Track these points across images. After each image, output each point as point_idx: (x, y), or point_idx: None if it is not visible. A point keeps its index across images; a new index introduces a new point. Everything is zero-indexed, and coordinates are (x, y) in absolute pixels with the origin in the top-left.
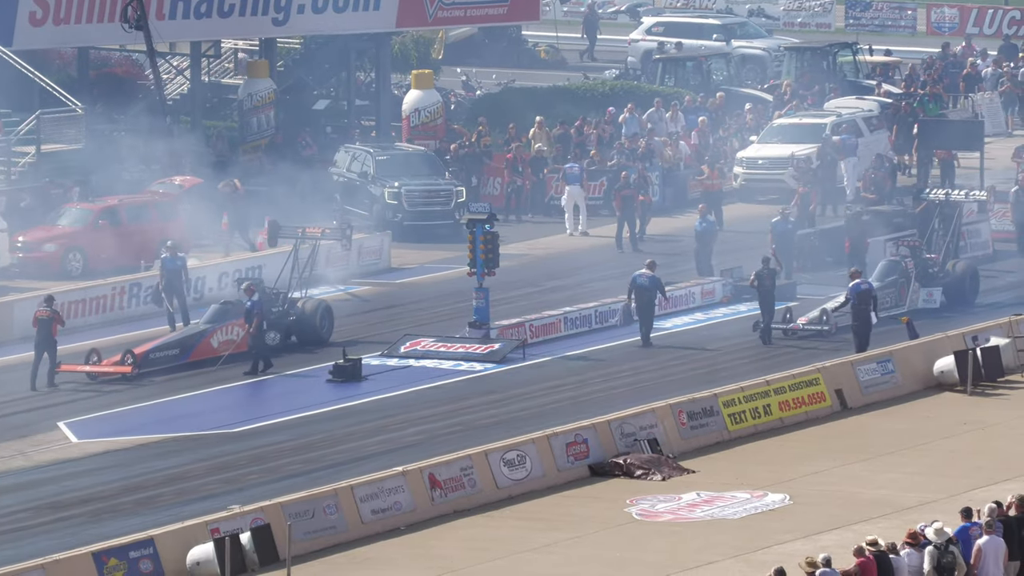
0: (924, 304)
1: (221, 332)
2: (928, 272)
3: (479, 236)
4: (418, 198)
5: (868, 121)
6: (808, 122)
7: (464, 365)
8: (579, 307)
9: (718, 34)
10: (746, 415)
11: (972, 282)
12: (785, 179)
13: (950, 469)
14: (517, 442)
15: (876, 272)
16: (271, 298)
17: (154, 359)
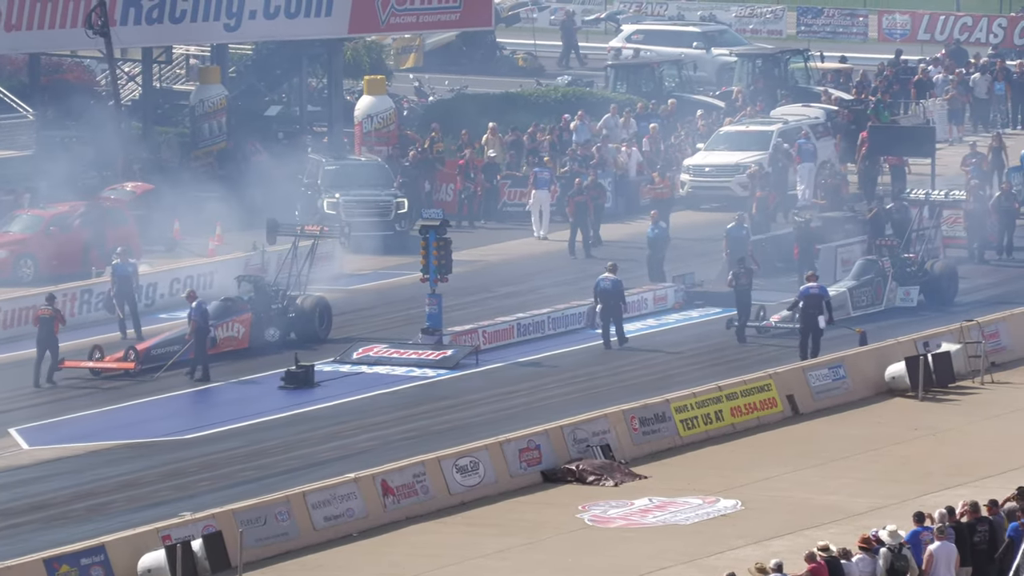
0: (902, 303)
1: (222, 328)
2: (906, 271)
3: (432, 242)
4: (355, 208)
5: (814, 128)
6: (755, 129)
7: (417, 371)
8: (532, 313)
9: (698, 42)
10: (698, 421)
11: (950, 281)
12: (732, 186)
13: (901, 475)
14: (470, 448)
15: (853, 271)
16: (270, 296)
17: (156, 355)
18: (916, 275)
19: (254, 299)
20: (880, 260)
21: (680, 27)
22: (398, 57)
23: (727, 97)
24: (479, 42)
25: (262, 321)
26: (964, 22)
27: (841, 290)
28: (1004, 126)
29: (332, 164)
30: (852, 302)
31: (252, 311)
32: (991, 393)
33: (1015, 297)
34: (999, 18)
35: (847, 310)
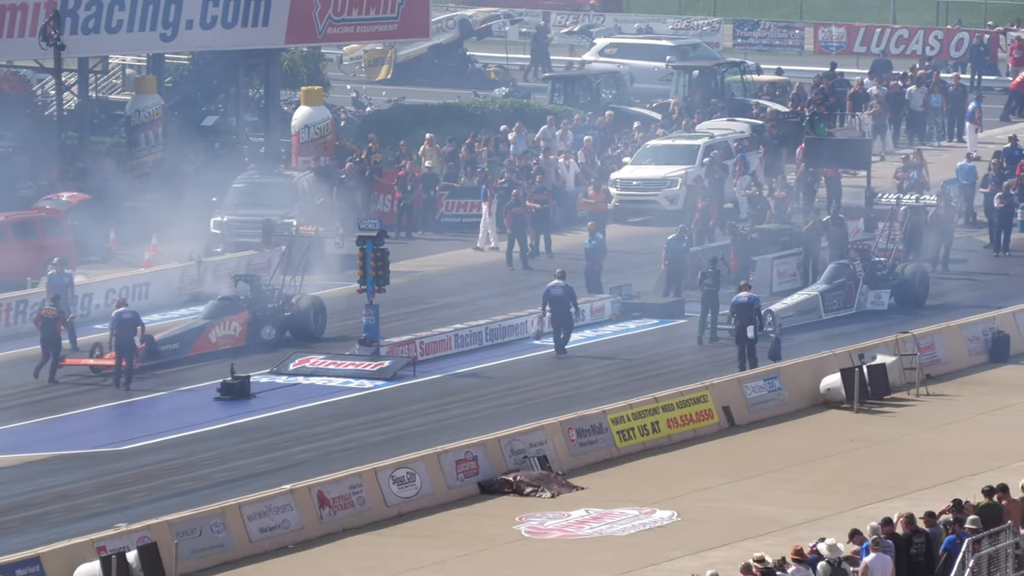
0: (872, 306)
1: (219, 327)
2: (877, 274)
3: (369, 253)
4: (240, 229)
5: (740, 142)
6: (681, 143)
7: (354, 382)
8: (469, 324)
9: (671, 56)
10: (635, 432)
11: (921, 284)
12: (659, 200)
13: (837, 486)
14: (407, 460)
15: (825, 274)
16: (266, 295)
17: (155, 352)
18: (887, 279)
19: (250, 298)
20: (852, 263)
21: (653, 41)
22: (369, 69)
23: (663, 109)
24: (450, 55)
25: (258, 320)
26: (900, 35)
27: (813, 293)
28: (940, 138)
29: (239, 182)
30: (824, 305)
31: (249, 310)
32: (926, 405)
33: (989, 301)
34: (935, 30)
35: (819, 313)
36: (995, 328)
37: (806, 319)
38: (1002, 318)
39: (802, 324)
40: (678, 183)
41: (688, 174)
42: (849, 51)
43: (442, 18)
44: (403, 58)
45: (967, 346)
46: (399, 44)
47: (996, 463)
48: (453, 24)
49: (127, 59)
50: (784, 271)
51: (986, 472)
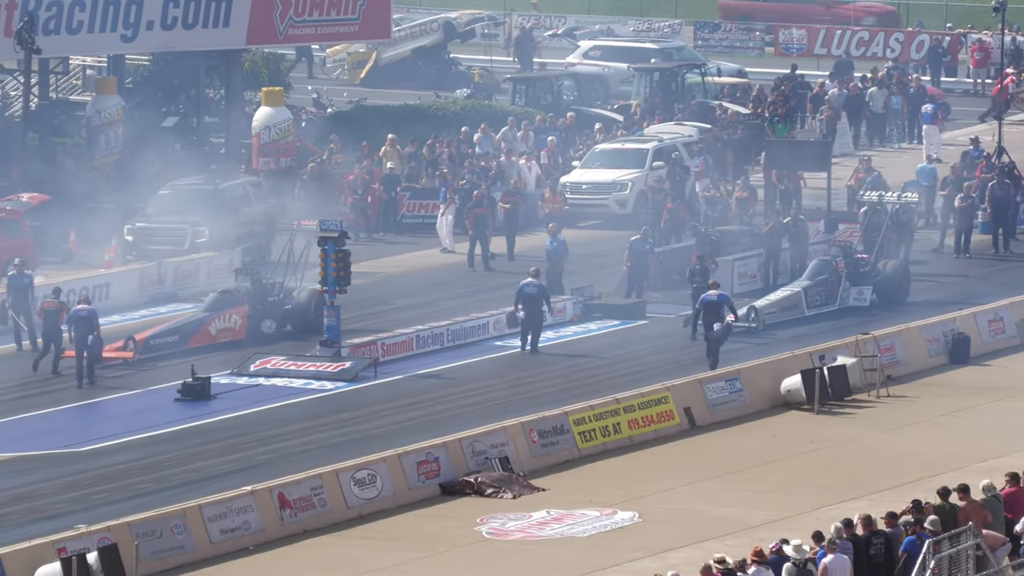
0: (855, 302)
1: (219, 320)
2: (859, 271)
3: (330, 254)
4: (149, 237)
5: (688, 147)
6: (630, 147)
7: (315, 384)
8: (431, 325)
9: (656, 58)
10: (596, 433)
11: (903, 281)
12: (609, 204)
13: (798, 487)
14: (368, 461)
15: (807, 271)
16: (266, 288)
17: (154, 345)
18: (869, 275)
19: (251, 291)
20: (834, 260)
21: (638, 44)
22: (352, 71)
23: (625, 111)
24: (434, 57)
25: (259, 313)
26: (861, 36)
27: (796, 290)
28: (900, 140)
29: (165, 189)
30: (807, 301)
31: (249, 303)
32: (886, 407)
33: (967, 299)
34: (896, 32)
35: (802, 309)
36: (955, 330)
37: (789, 315)
38: (962, 319)
39: (785, 320)
40: (628, 187)
41: (639, 178)
42: (809, 53)
43: (426, 20)
44: (386, 60)
45: (927, 347)
46: (383, 46)
47: (956, 464)
48: (437, 26)
49: (87, 60)
50: (745, 272)
51: (946, 473)
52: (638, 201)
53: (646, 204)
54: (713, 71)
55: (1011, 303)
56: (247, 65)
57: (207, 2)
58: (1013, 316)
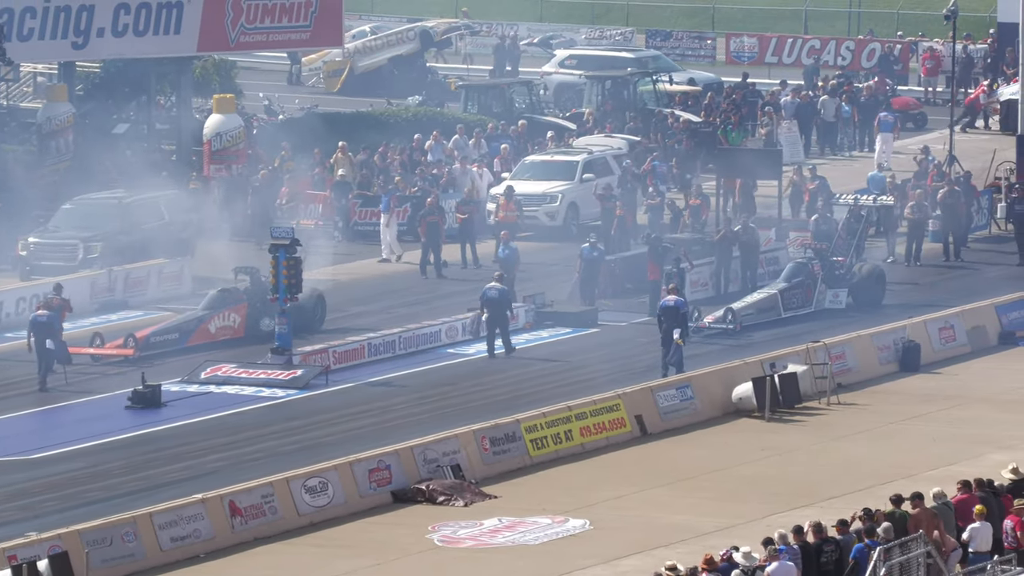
0: (831, 305)
1: (218, 318)
2: (834, 274)
3: (282, 261)
4: (43, 251)
5: (618, 159)
6: (560, 159)
7: (266, 391)
8: (383, 333)
9: (632, 67)
10: (548, 440)
11: (878, 284)
12: (539, 216)
13: (749, 495)
14: (319, 469)
15: (783, 273)
16: (265, 287)
17: (154, 343)
18: (844, 278)
19: (250, 290)
20: (810, 263)
21: (613, 52)
22: (328, 80)
23: (577, 119)
24: (411, 66)
25: (258, 311)
26: (812, 45)
27: (772, 292)
28: (851, 148)
29: (69, 203)
30: (783, 303)
31: (248, 301)
32: (837, 414)
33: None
34: (847, 41)
35: (778, 311)
36: (906, 337)
37: (766, 317)
38: (913, 327)
39: (762, 322)
40: (558, 199)
41: (569, 190)
42: (760, 61)
43: (402, 29)
44: (363, 69)
45: (878, 355)
46: (359, 55)
47: (907, 472)
48: (414, 35)
49: (38, 67)
50: (696, 280)
51: (896, 481)
52: (568, 213)
53: (577, 216)
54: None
55: (961, 311)
56: (198, 72)
57: (158, 9)
58: (963, 324)
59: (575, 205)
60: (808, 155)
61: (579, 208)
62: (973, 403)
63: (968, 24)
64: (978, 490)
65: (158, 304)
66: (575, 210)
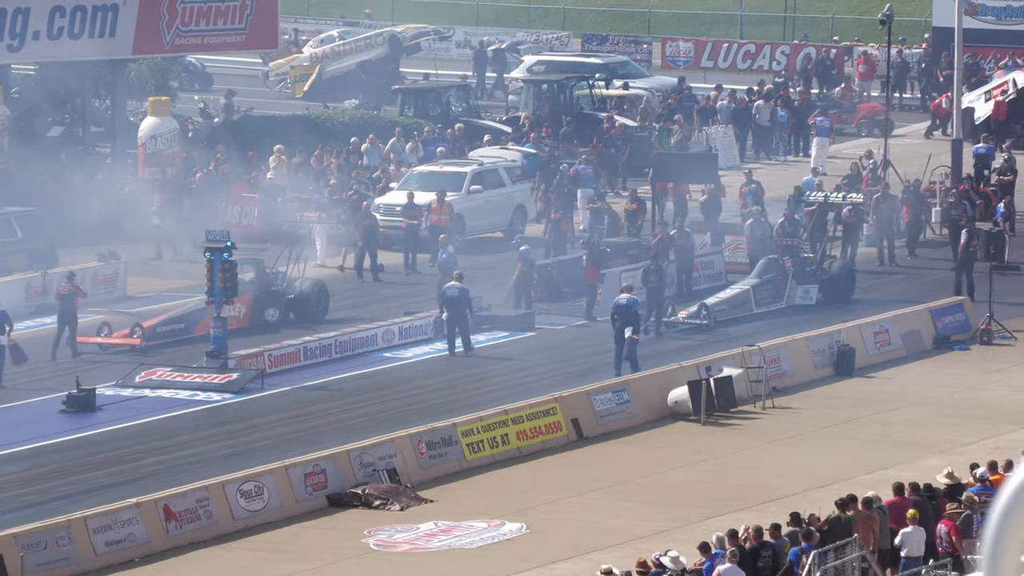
0: (801, 300)
1: (224, 308)
2: (805, 270)
3: (217, 265)
4: None
5: (510, 171)
6: (449, 170)
7: (201, 395)
8: (319, 336)
9: (600, 73)
10: (484, 444)
11: (848, 280)
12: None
13: (684, 498)
14: (254, 473)
15: (756, 270)
16: (269, 277)
17: (161, 332)
18: (815, 274)
19: (254, 280)
20: (781, 259)
21: (582, 58)
22: (295, 85)
23: (514, 123)
24: (380, 70)
25: (261, 302)
26: (747, 49)
27: (745, 288)
28: (786, 153)
29: None
30: (755, 299)
31: (252, 292)
32: (772, 418)
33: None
34: (782, 45)
35: (750, 307)
36: (840, 341)
37: (738, 312)
38: (848, 331)
39: (735, 317)
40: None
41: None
42: (696, 66)
43: (371, 34)
44: (330, 74)
45: (813, 359)
46: (327, 59)
47: (842, 475)
48: (383, 40)
49: None
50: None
51: (832, 485)
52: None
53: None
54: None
55: (896, 315)
56: (133, 75)
57: (93, 12)
58: (898, 328)
59: (460, 217)
60: (744, 159)
61: (464, 219)
62: (908, 407)
63: (903, 28)
64: (912, 494)
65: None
66: (460, 221)
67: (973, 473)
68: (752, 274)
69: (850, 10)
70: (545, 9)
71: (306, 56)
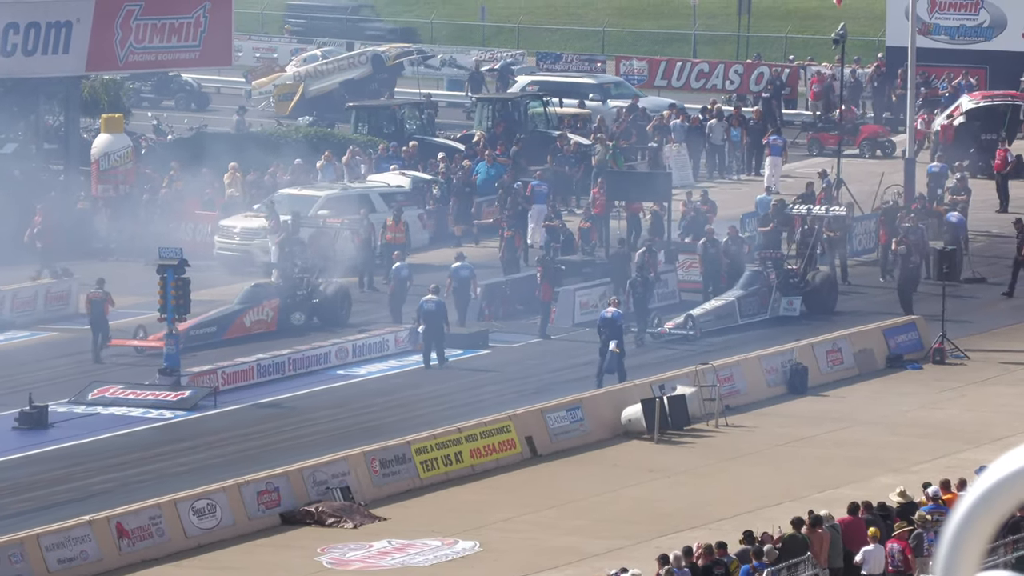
0: (785, 312)
1: (253, 312)
2: (789, 282)
3: (170, 281)
4: None
5: (387, 197)
6: (307, 194)
7: (154, 412)
8: (272, 354)
9: (593, 93)
10: (438, 462)
11: (831, 292)
12: (251, 250)
13: (637, 516)
14: (207, 491)
15: (740, 281)
16: (295, 282)
17: (194, 336)
18: (798, 286)
19: (281, 285)
20: (765, 271)
21: (576, 79)
22: (279, 104)
23: (468, 140)
24: (363, 90)
25: (288, 306)
26: (701, 68)
27: (730, 299)
28: (740, 172)
29: None
30: (740, 310)
31: (279, 296)
32: (725, 436)
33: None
34: (735, 64)
35: (735, 318)
36: (794, 360)
37: (723, 323)
38: (801, 350)
39: (719, 328)
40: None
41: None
42: (650, 84)
43: (354, 54)
44: (314, 93)
45: (766, 378)
46: (310, 79)
47: (795, 494)
48: (365, 60)
49: None
50: (587, 302)
51: (785, 503)
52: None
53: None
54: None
55: (849, 334)
56: (87, 92)
57: (47, 29)
58: (851, 347)
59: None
60: (697, 178)
61: (306, 246)
62: (860, 426)
63: (856, 48)
64: (865, 512)
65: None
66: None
67: (926, 492)
68: (737, 286)
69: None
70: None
71: (289, 75)
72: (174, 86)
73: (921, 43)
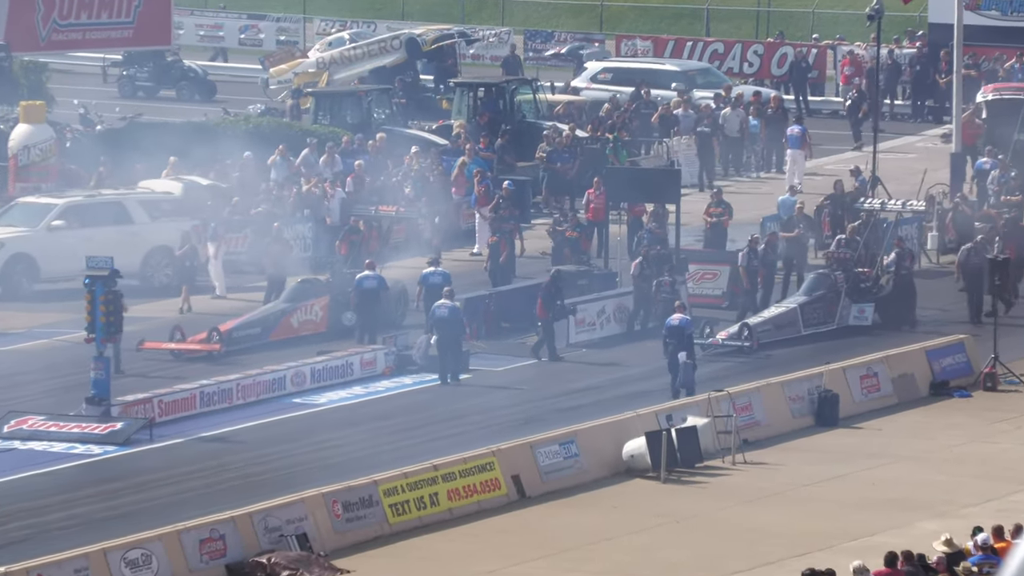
0: (855, 321)
1: (301, 311)
2: (859, 287)
3: (99, 296)
4: None
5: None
6: (42, 202)
7: (80, 448)
8: (218, 380)
9: (677, 82)
10: (410, 505)
11: (908, 298)
12: None
13: (640, 569)
14: (141, 539)
15: (804, 286)
16: (346, 279)
17: (237, 337)
18: (870, 291)
19: (331, 283)
20: (833, 274)
21: (656, 65)
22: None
23: (446, 132)
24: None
25: (339, 305)
26: (715, 48)
27: (792, 306)
28: (760, 169)
29: None
30: (803, 319)
31: (329, 294)
32: (743, 475)
33: None
34: (754, 44)
35: (798, 328)
36: (822, 387)
37: (784, 334)
38: (830, 374)
39: (780, 339)
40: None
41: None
42: None
43: (386, 37)
44: (340, 82)
45: (790, 407)
46: (335, 66)
47: (824, 543)
48: (399, 44)
49: None
50: (583, 319)
51: (813, 553)
52: (12, 266)
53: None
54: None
55: (886, 356)
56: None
57: None
58: (888, 371)
59: (29, 257)
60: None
61: (36, 260)
62: (899, 462)
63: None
64: (905, 564)
65: None
66: (27, 262)
67: (974, 539)
68: (800, 291)
69: (833, 4)
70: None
71: (311, 61)
72: (175, 73)
73: (968, 19)
